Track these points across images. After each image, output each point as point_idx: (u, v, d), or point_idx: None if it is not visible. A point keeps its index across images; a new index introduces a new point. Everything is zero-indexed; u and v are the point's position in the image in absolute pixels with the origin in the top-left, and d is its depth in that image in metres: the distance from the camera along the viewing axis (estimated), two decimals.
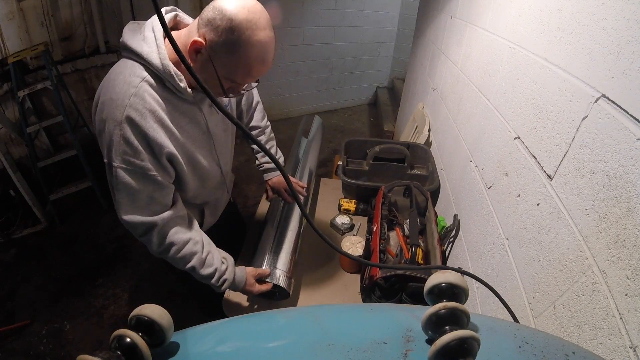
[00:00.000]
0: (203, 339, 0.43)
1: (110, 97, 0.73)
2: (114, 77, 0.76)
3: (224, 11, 0.68)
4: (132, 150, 0.75)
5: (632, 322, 0.46)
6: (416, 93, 2.40)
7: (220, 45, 0.71)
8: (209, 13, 0.70)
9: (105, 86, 0.76)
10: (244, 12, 0.68)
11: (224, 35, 0.69)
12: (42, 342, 1.78)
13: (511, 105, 0.89)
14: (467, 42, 1.34)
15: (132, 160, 0.76)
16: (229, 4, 0.68)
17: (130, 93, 0.73)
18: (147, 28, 0.76)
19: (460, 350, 0.32)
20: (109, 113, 0.73)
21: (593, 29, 0.60)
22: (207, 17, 0.70)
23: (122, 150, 0.74)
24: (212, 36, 0.70)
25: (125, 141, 0.74)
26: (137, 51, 0.74)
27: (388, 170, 1.60)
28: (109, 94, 0.74)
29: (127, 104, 0.72)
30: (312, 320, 0.45)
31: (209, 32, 0.70)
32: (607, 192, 0.53)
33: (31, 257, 2.29)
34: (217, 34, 0.70)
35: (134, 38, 0.77)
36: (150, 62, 0.73)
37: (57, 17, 2.64)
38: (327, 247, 1.28)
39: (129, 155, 0.75)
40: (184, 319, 0.51)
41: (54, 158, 2.47)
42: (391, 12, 4.42)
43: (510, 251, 0.81)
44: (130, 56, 0.77)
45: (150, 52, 0.73)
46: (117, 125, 0.73)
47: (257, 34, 0.70)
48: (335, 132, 4.13)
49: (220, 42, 0.70)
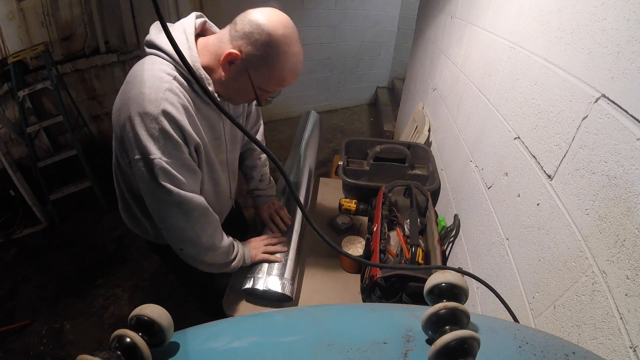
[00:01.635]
0: (203, 339, 0.43)
1: (141, 92, 0.73)
2: (141, 72, 0.76)
3: (262, 26, 0.73)
4: (172, 143, 0.76)
5: (632, 322, 0.46)
6: (416, 93, 2.40)
7: (258, 58, 0.76)
8: (246, 27, 0.74)
9: (132, 82, 0.75)
10: (281, 28, 0.74)
11: (262, 50, 0.75)
12: (42, 342, 1.78)
13: (511, 105, 0.89)
14: (467, 42, 1.34)
15: (173, 152, 0.77)
16: (266, 20, 0.74)
17: (164, 87, 0.74)
18: (177, 30, 0.79)
19: (460, 350, 0.32)
20: (140, 107, 0.73)
21: (593, 29, 0.60)
22: (244, 30, 0.74)
23: (162, 143, 0.75)
24: (249, 49, 0.75)
25: (164, 134, 0.74)
26: (167, 50, 0.76)
27: (388, 170, 1.60)
28: (138, 88, 0.74)
29: (163, 97, 0.73)
30: (312, 320, 0.45)
31: (246, 45, 0.75)
32: (607, 192, 0.53)
33: (31, 257, 2.29)
34: (254, 48, 0.75)
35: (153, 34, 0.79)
36: None
37: (57, 17, 2.65)
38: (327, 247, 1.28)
39: (170, 148, 0.76)
40: (184, 319, 0.51)
41: (54, 158, 2.47)
42: (391, 12, 4.42)
43: (510, 251, 0.81)
44: (158, 53, 0.78)
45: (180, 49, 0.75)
46: (152, 120, 0.73)
47: (292, 48, 0.77)
48: (335, 132, 4.13)
49: (257, 55, 0.75)
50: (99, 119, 3.21)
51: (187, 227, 0.86)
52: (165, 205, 0.82)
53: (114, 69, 3.08)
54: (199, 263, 0.95)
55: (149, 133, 0.74)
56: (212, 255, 0.94)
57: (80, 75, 2.92)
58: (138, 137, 0.74)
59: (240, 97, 0.88)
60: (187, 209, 0.83)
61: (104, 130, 3.27)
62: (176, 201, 0.81)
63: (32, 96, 2.58)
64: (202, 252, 0.92)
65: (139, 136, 0.74)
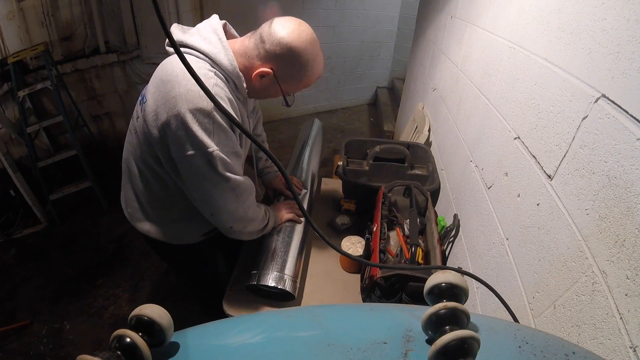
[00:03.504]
0: (203, 339, 0.43)
1: (189, 89, 0.76)
2: (180, 70, 0.78)
3: (292, 49, 0.81)
4: (224, 134, 0.82)
5: (632, 322, 0.46)
6: (416, 93, 2.40)
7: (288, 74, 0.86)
8: (277, 49, 0.81)
9: (173, 80, 0.77)
10: (308, 46, 0.82)
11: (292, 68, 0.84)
12: (42, 342, 1.78)
13: (511, 105, 0.89)
14: (467, 42, 1.34)
15: (226, 142, 0.83)
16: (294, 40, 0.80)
17: (212, 83, 0.79)
18: (206, 30, 0.83)
19: (460, 350, 0.32)
20: (192, 104, 0.75)
21: (593, 29, 0.60)
22: (275, 52, 0.81)
23: (217, 135, 0.80)
24: (280, 67, 0.84)
25: (218, 126, 0.79)
26: (201, 49, 0.81)
27: (388, 170, 1.60)
28: (184, 86, 0.76)
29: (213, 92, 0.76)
30: (312, 320, 0.45)
31: (277, 64, 0.84)
32: (607, 192, 0.53)
33: (31, 257, 2.29)
34: (285, 67, 0.84)
35: (191, 37, 0.83)
36: (219, 61, 0.81)
37: (57, 17, 2.65)
38: (327, 247, 1.28)
39: (224, 138, 0.81)
40: (184, 319, 0.51)
41: (54, 158, 2.47)
42: (391, 12, 4.42)
43: (510, 251, 0.81)
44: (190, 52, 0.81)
45: (217, 52, 0.81)
46: (207, 115, 0.77)
47: (317, 59, 0.86)
48: (335, 132, 4.13)
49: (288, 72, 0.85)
50: (99, 119, 3.21)
51: (237, 207, 0.92)
52: (221, 192, 0.86)
53: (114, 69, 3.08)
54: (244, 234, 1.01)
55: (203, 128, 0.77)
56: (254, 224, 1.02)
57: (80, 75, 2.92)
58: (192, 133, 0.76)
59: (266, 97, 0.97)
60: (239, 191, 0.89)
61: (104, 130, 3.27)
62: (232, 186, 0.87)
63: (32, 96, 2.58)
64: (247, 225, 0.99)
65: (193, 132, 0.76)
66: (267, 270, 1.05)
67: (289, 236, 1.16)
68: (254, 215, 1.00)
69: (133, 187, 0.99)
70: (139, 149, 0.91)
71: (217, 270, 1.39)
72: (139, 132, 0.89)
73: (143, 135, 0.87)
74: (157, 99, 0.79)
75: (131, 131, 0.94)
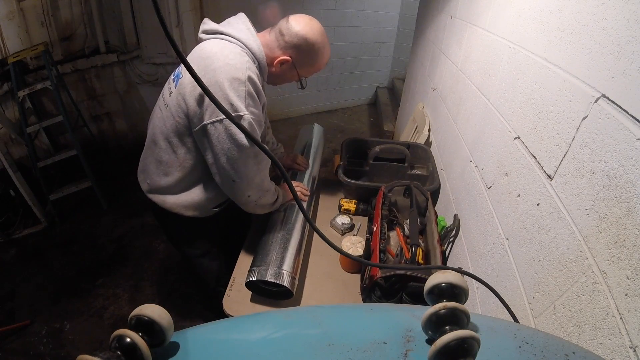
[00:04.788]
0: (203, 339, 0.43)
1: (227, 63, 0.91)
2: (219, 49, 0.94)
3: (308, 40, 1.01)
4: (254, 102, 0.95)
5: (632, 322, 0.46)
6: (416, 93, 2.40)
7: (304, 61, 1.05)
8: (294, 39, 1.01)
9: (212, 57, 0.93)
10: (319, 37, 1.02)
11: (308, 55, 1.04)
12: (42, 342, 1.78)
13: (511, 105, 0.89)
14: (467, 42, 1.34)
15: (255, 110, 0.96)
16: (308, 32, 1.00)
17: (245, 60, 0.95)
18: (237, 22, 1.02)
19: (460, 350, 0.32)
20: (229, 74, 0.90)
21: (593, 29, 0.60)
22: (293, 42, 1.01)
23: (249, 102, 0.93)
24: (297, 55, 1.04)
25: (250, 96, 0.93)
26: (234, 35, 0.97)
27: (388, 170, 1.60)
28: (222, 60, 0.91)
29: (247, 67, 0.93)
30: (312, 320, 0.45)
31: (295, 52, 1.03)
32: (607, 192, 0.53)
33: (31, 257, 2.29)
34: (301, 55, 1.04)
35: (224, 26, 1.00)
36: (249, 45, 0.98)
37: (57, 17, 2.65)
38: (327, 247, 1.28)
39: (252, 106, 0.94)
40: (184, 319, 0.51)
41: (54, 158, 2.47)
42: (391, 12, 4.41)
43: (510, 251, 0.81)
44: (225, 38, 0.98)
45: (247, 38, 0.98)
46: (241, 83, 0.91)
47: (326, 48, 1.06)
48: (335, 132, 4.13)
49: (304, 59, 1.05)
50: (99, 119, 3.21)
51: (256, 174, 1.03)
52: (245, 158, 0.96)
53: (114, 69, 3.08)
54: (257, 207, 1.13)
55: (237, 94, 0.90)
56: (267, 196, 1.13)
57: (80, 75, 2.92)
58: (228, 97, 0.89)
59: (282, 82, 1.14)
60: (260, 158, 1.01)
61: (104, 130, 3.27)
62: (255, 151, 0.98)
63: (32, 96, 2.58)
64: (262, 196, 1.10)
65: (229, 97, 0.89)
66: (265, 266, 1.05)
67: (288, 234, 1.16)
68: (269, 186, 1.12)
69: (156, 158, 1.09)
70: (169, 121, 1.02)
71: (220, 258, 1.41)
72: (170, 105, 1.01)
73: (177, 107, 0.98)
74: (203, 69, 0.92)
75: (161, 108, 1.07)
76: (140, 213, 2.63)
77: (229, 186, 1.03)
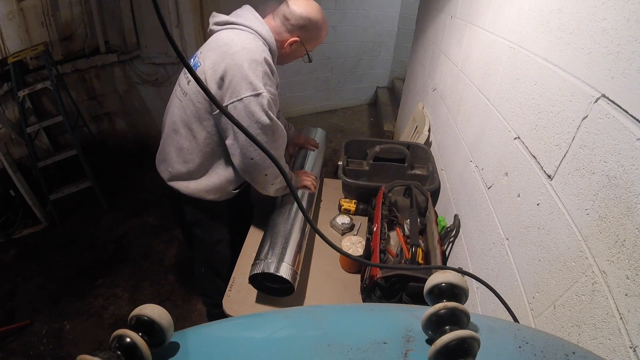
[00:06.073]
0: (203, 339, 0.43)
1: (244, 47, 1.01)
2: (236, 36, 1.04)
3: (310, 19, 1.13)
4: (270, 81, 1.05)
5: (632, 322, 0.46)
6: (416, 93, 2.40)
7: (309, 37, 1.17)
8: (300, 21, 1.12)
9: (229, 43, 1.02)
10: (319, 15, 1.15)
11: (312, 32, 1.16)
12: (42, 342, 1.78)
13: (511, 105, 0.89)
14: (467, 42, 1.34)
15: (272, 89, 1.05)
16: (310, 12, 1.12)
17: (260, 44, 1.06)
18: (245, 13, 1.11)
19: (460, 350, 0.32)
20: (248, 57, 1.00)
21: (593, 29, 0.60)
22: (299, 24, 1.13)
23: (266, 81, 1.02)
24: (304, 34, 1.16)
25: (266, 75, 1.03)
26: (245, 24, 1.07)
27: (388, 170, 1.60)
28: (240, 45, 1.01)
29: (262, 50, 1.05)
30: (312, 320, 0.45)
31: (302, 32, 1.15)
32: (607, 192, 0.53)
33: (31, 257, 2.29)
34: (307, 33, 1.16)
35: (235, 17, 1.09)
36: (261, 32, 1.08)
37: (57, 17, 2.64)
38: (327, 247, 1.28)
39: (269, 85, 1.04)
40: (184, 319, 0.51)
41: (54, 158, 2.47)
42: (391, 12, 4.41)
43: (510, 251, 0.81)
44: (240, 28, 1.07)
45: (257, 26, 1.08)
46: (259, 64, 1.01)
47: (325, 23, 1.18)
48: (335, 132, 4.13)
49: (309, 36, 1.17)
50: (99, 119, 3.21)
51: (274, 151, 1.07)
52: (262, 133, 1.02)
53: (114, 69, 3.08)
54: (272, 187, 1.18)
55: (255, 74, 0.99)
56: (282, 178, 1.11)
57: (80, 75, 2.91)
58: (248, 77, 0.98)
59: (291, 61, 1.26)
60: (278, 135, 1.08)
61: (104, 130, 3.26)
62: (273, 128, 1.05)
63: (32, 96, 2.58)
64: (277, 175, 1.14)
65: (249, 77, 0.98)
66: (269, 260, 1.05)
67: (289, 232, 1.16)
68: (283, 165, 1.17)
69: (177, 146, 1.16)
70: (189, 108, 1.09)
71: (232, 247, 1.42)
72: (190, 92, 1.09)
73: (197, 93, 1.06)
74: (215, 58, 1.01)
75: (179, 97, 1.15)
76: (140, 213, 2.63)
77: (248, 165, 1.08)
